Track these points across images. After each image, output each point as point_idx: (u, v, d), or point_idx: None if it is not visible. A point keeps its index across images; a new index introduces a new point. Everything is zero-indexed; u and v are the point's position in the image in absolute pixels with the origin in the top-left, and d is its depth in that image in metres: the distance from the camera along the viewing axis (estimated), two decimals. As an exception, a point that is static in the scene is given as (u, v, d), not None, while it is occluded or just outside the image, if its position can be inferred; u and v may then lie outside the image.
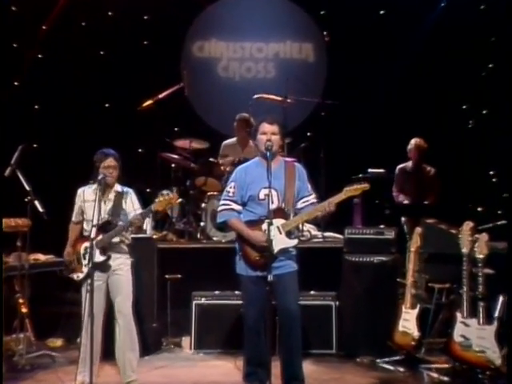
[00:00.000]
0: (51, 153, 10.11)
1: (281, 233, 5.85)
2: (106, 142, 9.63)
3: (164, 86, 9.60)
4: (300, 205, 5.99)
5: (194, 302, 7.66)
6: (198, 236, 9.03)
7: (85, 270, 6.31)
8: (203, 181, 9.21)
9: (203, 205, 9.02)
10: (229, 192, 6.03)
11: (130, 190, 6.48)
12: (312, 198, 6.02)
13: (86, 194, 6.46)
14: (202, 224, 9.02)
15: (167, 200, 6.09)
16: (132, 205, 6.40)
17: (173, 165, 9.42)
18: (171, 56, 10.69)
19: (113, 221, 6.31)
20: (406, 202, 9.08)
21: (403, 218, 8.97)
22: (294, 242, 5.97)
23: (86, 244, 6.31)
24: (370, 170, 9.19)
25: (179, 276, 7.96)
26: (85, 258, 6.35)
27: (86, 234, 6.39)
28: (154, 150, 9.42)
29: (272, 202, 5.79)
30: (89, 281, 6.04)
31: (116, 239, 6.32)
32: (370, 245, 7.59)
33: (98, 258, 6.23)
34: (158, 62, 10.44)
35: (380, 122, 10.31)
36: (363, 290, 7.46)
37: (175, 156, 9.41)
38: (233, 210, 5.99)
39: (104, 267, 6.28)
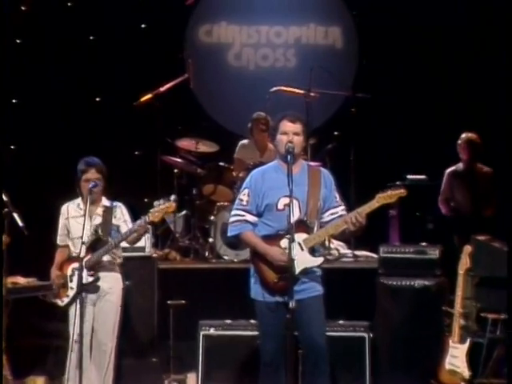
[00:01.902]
0: (31, 156, 10.13)
1: (303, 249, 5.83)
2: (96, 142, 9.75)
3: (165, 78, 9.61)
4: (327, 217, 5.97)
5: (201, 333, 7.62)
6: (206, 254, 9.04)
7: (70, 293, 6.43)
8: (212, 189, 9.22)
9: (212, 217, 9.02)
10: (242, 200, 6.01)
11: (120, 204, 6.60)
12: (341, 210, 5.98)
13: (71, 211, 6.57)
14: (210, 240, 9.02)
15: (163, 209, 6.16)
16: (122, 216, 6.52)
17: (176, 170, 9.42)
18: (173, 42, 10.69)
19: (102, 238, 6.39)
20: (452, 213, 9.08)
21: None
22: (319, 260, 5.95)
23: (74, 265, 6.40)
24: (409, 177, 9.20)
25: (184, 302, 7.97)
26: (71, 281, 6.46)
27: (74, 254, 6.48)
28: (154, 153, 9.42)
29: (293, 214, 5.77)
30: (77, 305, 6.16)
31: (106, 258, 6.42)
32: (410, 266, 7.56)
33: (86, 279, 6.32)
34: (158, 49, 10.44)
35: (422, 119, 10.30)
36: (402, 319, 7.45)
37: (178, 160, 9.42)
38: (247, 221, 5.96)
39: (93, 289, 6.39)
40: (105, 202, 6.57)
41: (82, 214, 6.40)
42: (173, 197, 6.27)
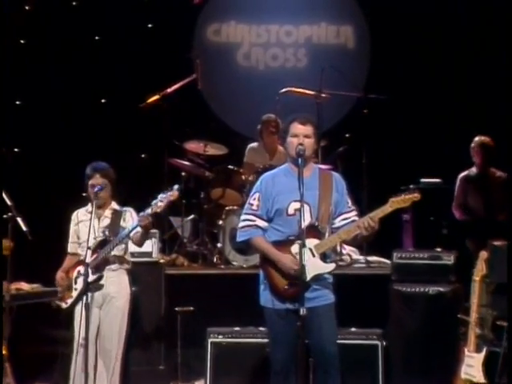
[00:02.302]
0: (35, 159, 10.16)
1: (314, 256, 5.82)
2: (101, 145, 9.77)
3: (172, 78, 9.62)
4: (338, 223, 5.95)
5: (209, 340, 7.64)
6: (215, 260, 9.06)
7: (74, 294, 6.53)
8: (220, 193, 9.22)
9: (220, 222, 9.01)
10: (252, 205, 6.01)
11: (129, 208, 6.68)
12: (353, 215, 5.97)
13: (80, 216, 6.69)
14: (218, 245, 9.03)
15: (166, 198, 6.26)
16: (131, 219, 6.57)
17: (183, 173, 9.43)
18: (181, 42, 10.70)
19: (109, 239, 6.49)
20: (467, 217, 9.08)
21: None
22: (331, 266, 5.92)
23: (80, 268, 6.50)
24: (423, 180, 9.16)
25: (192, 308, 7.98)
26: (76, 283, 6.55)
27: (81, 258, 6.53)
28: (161, 156, 9.42)
29: (303, 219, 5.76)
30: (83, 307, 6.22)
31: (114, 265, 6.49)
32: (424, 272, 7.56)
33: (91, 277, 6.39)
34: (165, 49, 10.46)
35: (436, 121, 10.30)
36: (416, 327, 7.45)
37: (186, 163, 9.43)
38: (257, 226, 5.95)
39: (96, 287, 6.45)
40: (114, 205, 6.68)
41: (90, 218, 6.48)
42: (176, 186, 6.31)
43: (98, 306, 6.53)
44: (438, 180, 9.32)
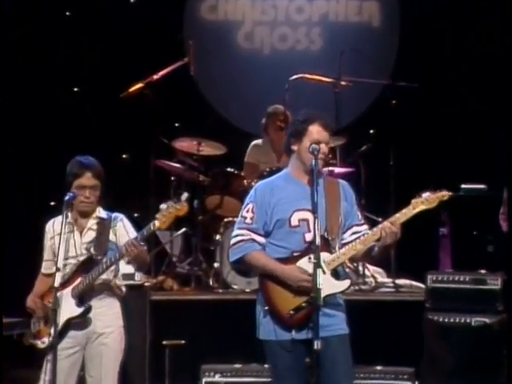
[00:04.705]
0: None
1: (324, 272, 5.80)
2: (74, 142, 9.75)
3: (160, 63, 9.61)
4: (349, 237, 5.99)
5: (203, 380, 7.67)
6: (211, 283, 9.05)
7: (53, 331, 6.17)
8: (217, 201, 9.26)
9: (217, 237, 9.03)
10: (245, 218, 6.03)
11: (121, 216, 6.48)
12: (365, 229, 5.99)
13: (57, 226, 6.43)
14: (215, 265, 9.04)
15: (172, 212, 6.09)
16: (126, 233, 6.39)
17: (173, 177, 9.46)
18: (170, 19, 10.74)
19: (95, 257, 6.30)
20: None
21: None
22: (345, 284, 5.90)
23: (59, 295, 6.21)
24: (464, 186, 9.20)
25: (182, 342, 8.01)
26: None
27: (61, 281, 6.27)
28: (146, 156, 9.43)
29: (309, 231, 5.83)
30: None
31: (100, 281, 6.27)
32: (466, 299, 7.60)
33: (74, 310, 6.25)
34: (151, 29, 10.50)
35: (480, 114, 10.29)
36: (455, 365, 7.48)
37: (176, 165, 9.46)
38: (253, 240, 5.96)
39: (82, 326, 6.28)
40: (100, 213, 6.45)
41: (70, 230, 6.31)
42: (185, 196, 6.18)
43: (80, 347, 6.31)
44: (482, 186, 9.34)
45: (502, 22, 10.09)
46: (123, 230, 6.40)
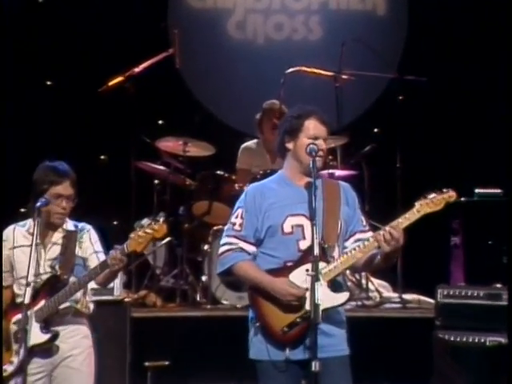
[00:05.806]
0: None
1: (321, 284, 5.72)
2: (47, 141, 9.73)
3: (142, 54, 9.62)
4: (351, 245, 5.97)
5: (190, 405, 7.80)
6: (198, 298, 9.07)
7: (15, 359, 6.21)
8: (205, 207, 9.28)
9: (205, 247, 9.06)
10: (234, 224, 6.02)
11: (88, 227, 6.43)
12: (370, 237, 5.92)
13: (18, 237, 6.41)
14: (203, 278, 9.06)
15: (148, 234, 6.04)
16: (91, 246, 6.36)
17: (156, 181, 9.50)
18: (153, 7, 10.79)
19: (62, 276, 6.25)
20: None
21: None
22: (344, 296, 5.86)
23: (20, 316, 6.16)
24: (477, 191, 9.13)
25: (166, 363, 8.03)
26: (16, 341, 6.26)
27: (19, 300, 6.26)
28: (126, 157, 9.43)
29: (304, 238, 5.82)
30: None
31: (67, 304, 6.21)
32: (480, 316, 7.62)
33: (39, 337, 6.17)
34: (133, 17, 10.55)
35: (494, 111, 10.25)
36: (468, 387, 7.51)
37: (160, 167, 9.47)
38: (242, 249, 5.95)
39: (48, 352, 6.22)
40: (68, 225, 6.38)
41: (37, 243, 6.19)
42: (162, 216, 6.09)
43: (46, 373, 6.26)
44: (497, 190, 9.26)
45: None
46: (88, 243, 6.37)
